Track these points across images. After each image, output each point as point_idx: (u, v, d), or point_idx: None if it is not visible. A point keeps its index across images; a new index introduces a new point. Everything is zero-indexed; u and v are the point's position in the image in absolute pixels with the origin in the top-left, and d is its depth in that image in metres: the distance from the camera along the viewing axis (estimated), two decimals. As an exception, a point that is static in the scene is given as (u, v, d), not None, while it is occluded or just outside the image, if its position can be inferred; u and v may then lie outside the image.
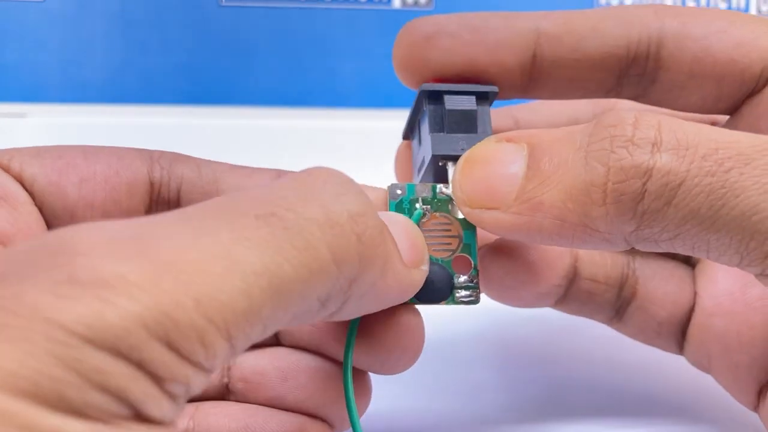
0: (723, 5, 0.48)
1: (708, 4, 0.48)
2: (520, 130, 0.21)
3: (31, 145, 0.22)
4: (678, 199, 0.18)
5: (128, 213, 0.22)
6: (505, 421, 0.29)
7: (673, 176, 0.18)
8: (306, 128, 0.44)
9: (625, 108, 0.26)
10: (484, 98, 0.24)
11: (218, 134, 0.43)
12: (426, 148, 0.24)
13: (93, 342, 0.13)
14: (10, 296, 0.13)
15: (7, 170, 0.21)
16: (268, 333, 0.16)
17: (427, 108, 0.23)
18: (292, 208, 0.16)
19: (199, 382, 0.15)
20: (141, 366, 0.13)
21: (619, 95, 0.24)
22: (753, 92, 0.23)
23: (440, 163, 0.23)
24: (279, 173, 0.23)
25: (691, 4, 0.48)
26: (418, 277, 0.21)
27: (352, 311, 0.19)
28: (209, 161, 0.23)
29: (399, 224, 0.21)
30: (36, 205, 0.21)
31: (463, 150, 0.22)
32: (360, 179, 0.23)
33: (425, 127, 0.24)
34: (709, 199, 0.18)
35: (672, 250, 0.19)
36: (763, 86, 0.23)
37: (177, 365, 0.14)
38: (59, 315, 0.13)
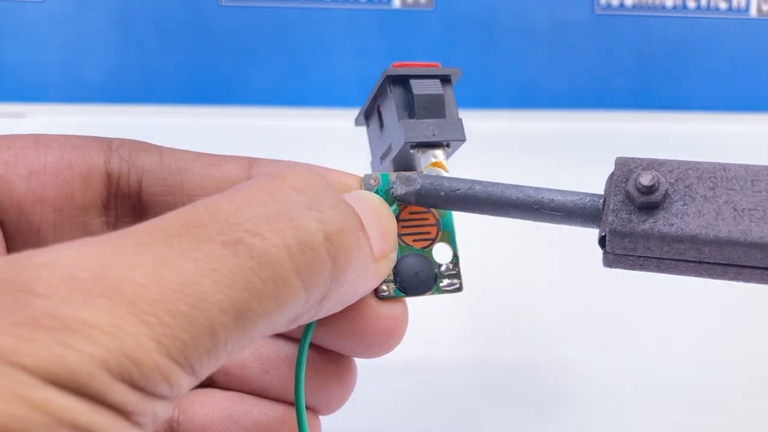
0: (723, 5, 0.48)
1: (708, 5, 0.48)
2: None
3: None
4: None
5: (83, 207, 0.20)
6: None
7: None
8: (306, 128, 0.44)
9: None
10: (447, 81, 0.23)
11: (218, 134, 0.43)
12: (394, 135, 0.23)
13: (56, 384, 0.13)
14: None
15: None
16: (234, 358, 0.16)
17: (392, 93, 0.23)
18: (260, 232, 0.15)
19: (167, 409, 0.15)
20: (107, 405, 0.13)
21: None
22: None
23: (411, 151, 0.22)
24: (250, 162, 0.22)
25: (692, 5, 0.48)
26: (386, 267, 0.20)
27: (322, 316, 0.18)
28: (173, 149, 0.22)
29: (371, 213, 0.20)
30: None
31: (435, 136, 0.22)
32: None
33: (391, 114, 0.23)
34: None
35: None
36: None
37: (142, 402, 0.14)
38: (21, 358, 0.13)
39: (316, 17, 0.46)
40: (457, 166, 0.24)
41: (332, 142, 0.42)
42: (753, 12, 0.48)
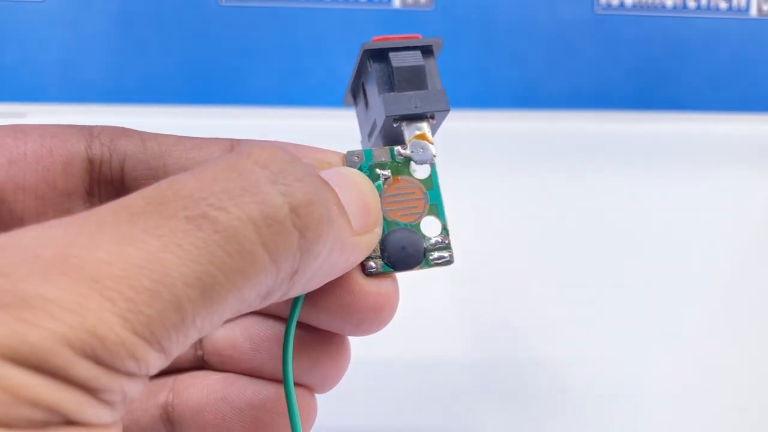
0: (723, 5, 0.48)
1: (708, 5, 0.48)
2: None
3: None
4: None
5: (66, 194, 0.20)
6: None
7: None
8: (306, 128, 0.44)
9: None
10: (428, 52, 0.23)
11: (218, 134, 0.43)
12: (377, 110, 0.22)
13: (16, 361, 0.13)
14: None
15: None
16: (206, 333, 0.16)
17: (373, 68, 0.22)
18: (224, 206, 0.15)
19: (136, 387, 0.14)
20: (70, 381, 0.13)
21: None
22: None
23: (395, 125, 0.22)
24: (232, 143, 0.22)
25: (692, 4, 0.48)
26: (368, 242, 0.20)
27: (298, 292, 0.18)
28: (155, 134, 0.22)
29: (350, 187, 0.19)
30: None
31: (417, 108, 0.22)
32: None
33: (373, 89, 0.23)
34: None
35: None
36: None
37: (108, 378, 0.14)
38: None
39: (316, 17, 0.46)
40: (457, 165, 0.24)
41: (332, 142, 0.42)
42: (753, 12, 0.48)
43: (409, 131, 0.22)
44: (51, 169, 0.20)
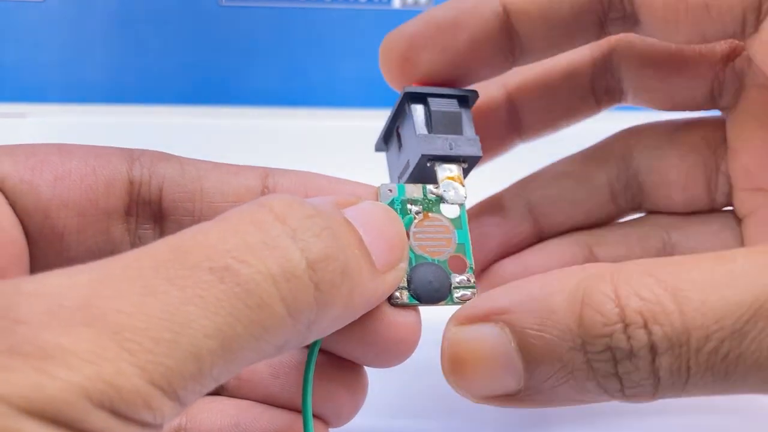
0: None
1: None
2: (488, 299, 0.19)
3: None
4: (689, 387, 0.18)
5: (106, 213, 0.21)
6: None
7: (678, 376, 0.18)
8: (306, 128, 0.44)
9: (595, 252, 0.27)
10: (464, 102, 0.24)
11: (218, 134, 0.43)
12: (412, 150, 0.23)
13: (32, 413, 0.13)
14: None
15: None
16: (221, 383, 0.16)
17: (411, 110, 0.23)
18: (246, 260, 0.16)
19: None
20: None
21: (608, 35, 0.24)
22: (746, 32, 0.22)
23: (428, 164, 0.23)
24: (266, 172, 0.22)
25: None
26: (394, 279, 0.20)
27: (315, 338, 0.18)
28: (193, 160, 0.22)
29: (374, 225, 0.20)
30: (9, 204, 0.20)
31: (451, 150, 0.23)
32: (360, 179, 0.23)
33: (410, 130, 0.23)
34: (718, 382, 0.18)
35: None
36: (756, 25, 0.21)
37: (123, 428, 0.14)
38: None
39: (316, 17, 0.46)
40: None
41: (332, 142, 0.42)
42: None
43: (442, 171, 0.23)
44: (94, 188, 0.21)
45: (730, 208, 0.26)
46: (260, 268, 0.16)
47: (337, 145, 0.41)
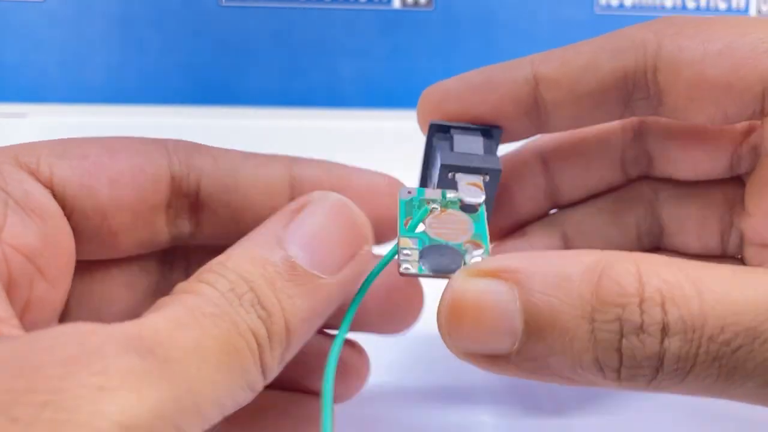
0: (723, 5, 0.48)
1: (708, 5, 0.48)
2: (502, 258, 0.19)
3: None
4: (689, 380, 0.18)
5: (152, 209, 0.22)
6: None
7: (683, 362, 0.18)
8: (306, 128, 0.44)
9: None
10: (489, 136, 0.24)
11: (218, 134, 0.43)
12: (435, 167, 0.24)
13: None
14: (58, 391, 0.14)
15: (35, 174, 0.20)
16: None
17: (437, 140, 0.24)
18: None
19: None
20: None
21: (631, 116, 0.24)
22: (765, 110, 0.22)
23: (449, 175, 0.23)
24: (291, 161, 0.23)
25: (691, 5, 0.48)
26: (352, 272, 0.20)
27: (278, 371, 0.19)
28: (224, 150, 0.23)
29: (312, 234, 0.19)
30: (65, 210, 0.20)
31: (473, 162, 0.23)
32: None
33: (435, 158, 0.24)
34: (719, 379, 0.18)
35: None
36: None
37: None
38: (102, 406, 0.14)
39: (316, 17, 0.46)
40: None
41: (332, 142, 0.42)
42: (752, 12, 0.48)
43: (463, 180, 0.23)
44: (144, 187, 0.21)
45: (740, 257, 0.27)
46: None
47: (337, 145, 0.41)
